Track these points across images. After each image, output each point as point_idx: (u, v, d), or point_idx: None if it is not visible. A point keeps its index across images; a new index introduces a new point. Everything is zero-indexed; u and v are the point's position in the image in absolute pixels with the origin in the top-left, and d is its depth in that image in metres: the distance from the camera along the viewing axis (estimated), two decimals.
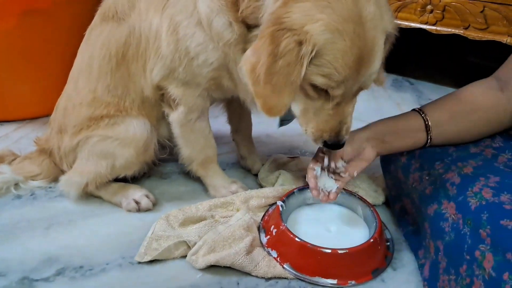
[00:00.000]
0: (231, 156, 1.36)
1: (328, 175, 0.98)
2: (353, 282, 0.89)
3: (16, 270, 0.89)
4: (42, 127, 1.47)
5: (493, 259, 0.69)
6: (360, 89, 0.83)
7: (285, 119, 1.08)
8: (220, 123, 1.31)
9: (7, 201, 1.11)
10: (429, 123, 0.97)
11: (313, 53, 0.73)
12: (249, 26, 0.88)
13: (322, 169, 0.99)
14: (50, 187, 1.17)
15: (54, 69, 1.43)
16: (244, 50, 0.90)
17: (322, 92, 0.81)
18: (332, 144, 0.87)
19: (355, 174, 0.97)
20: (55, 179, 1.16)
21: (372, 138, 0.99)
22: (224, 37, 0.89)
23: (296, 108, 0.88)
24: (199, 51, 0.93)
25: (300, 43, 0.73)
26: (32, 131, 1.47)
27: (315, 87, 0.80)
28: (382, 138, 0.99)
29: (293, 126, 1.11)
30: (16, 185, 1.14)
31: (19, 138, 1.44)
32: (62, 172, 1.14)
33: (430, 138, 0.98)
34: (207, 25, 0.90)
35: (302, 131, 0.91)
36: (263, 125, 1.45)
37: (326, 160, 0.98)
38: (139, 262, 0.91)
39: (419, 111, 1.00)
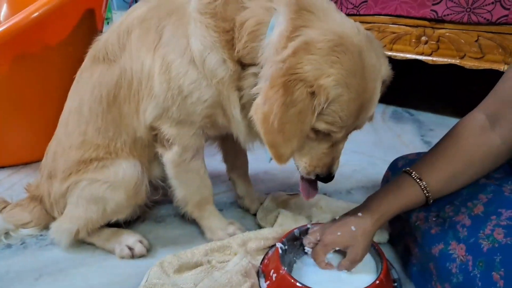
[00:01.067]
0: (228, 196, 1.32)
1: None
2: None
3: None
4: (36, 172, 1.43)
5: None
6: (355, 129, 0.87)
7: None
8: (217, 161, 1.28)
9: None
10: (427, 189, 0.89)
11: (325, 105, 0.77)
12: (243, 65, 0.88)
13: None
14: (41, 235, 1.13)
15: (47, 113, 1.41)
16: (237, 88, 0.90)
17: (321, 134, 0.84)
18: (325, 178, 0.90)
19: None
20: (47, 227, 1.11)
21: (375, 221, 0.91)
22: (217, 74, 0.89)
23: None
24: (193, 89, 0.91)
25: (312, 94, 0.76)
26: (25, 176, 1.44)
27: (316, 131, 0.83)
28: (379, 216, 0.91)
29: (291, 162, 1.08)
30: (7, 233, 1.11)
31: (13, 184, 1.41)
32: (54, 219, 1.10)
33: (428, 198, 0.90)
34: (200, 63, 0.89)
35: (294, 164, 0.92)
36: (260, 162, 1.41)
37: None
38: None
39: (416, 179, 0.91)
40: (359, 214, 0.91)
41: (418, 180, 0.90)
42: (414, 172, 0.91)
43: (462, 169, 0.89)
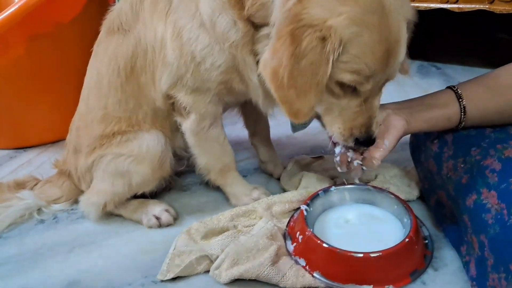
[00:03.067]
0: (252, 162, 1.31)
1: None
2: (390, 287, 0.81)
3: None
4: (63, 149, 1.47)
5: None
6: (387, 80, 0.80)
7: (300, 124, 1.01)
8: (239, 129, 1.26)
9: (30, 226, 1.10)
10: (460, 92, 0.87)
11: (340, 49, 0.70)
12: (256, 26, 0.84)
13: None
14: (72, 209, 1.15)
15: (69, 90, 1.42)
16: (252, 51, 0.86)
17: (349, 89, 0.78)
18: (365, 141, 0.84)
19: (386, 143, 0.87)
20: (77, 200, 1.14)
21: (397, 108, 0.91)
22: (229, 37, 0.85)
23: (319, 109, 0.83)
24: (205, 55, 0.89)
25: (323, 39, 0.69)
26: (54, 154, 1.47)
27: (341, 85, 0.76)
28: (409, 107, 0.91)
29: (314, 125, 1.05)
30: (39, 210, 1.14)
31: (42, 162, 1.44)
32: (83, 192, 1.13)
33: (464, 108, 0.86)
34: (210, 26, 0.86)
35: (328, 132, 0.87)
36: (282, 127, 1.40)
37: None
38: (162, 281, 0.87)
39: (451, 86, 0.91)
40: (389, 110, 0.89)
41: (449, 86, 0.87)
42: (458, 90, 0.88)
43: (504, 85, 0.85)
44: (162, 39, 0.93)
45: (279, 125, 1.34)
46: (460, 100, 0.87)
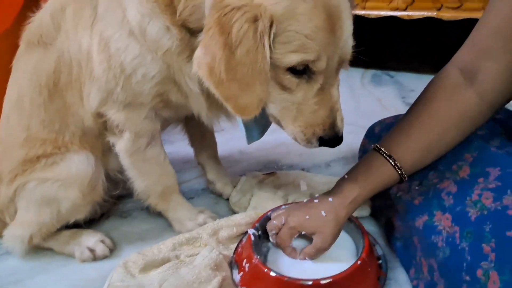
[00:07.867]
0: (200, 182, 1.22)
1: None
2: None
3: None
4: None
5: (499, 280, 0.56)
6: (342, 61, 0.72)
7: (255, 133, 0.93)
8: (187, 145, 1.18)
9: None
10: (387, 152, 0.81)
11: (274, 27, 0.63)
12: (192, 31, 0.76)
13: None
14: None
15: None
16: (191, 58, 0.77)
17: (303, 78, 0.70)
18: (331, 139, 0.74)
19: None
20: (1, 235, 1.02)
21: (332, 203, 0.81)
22: (162, 45, 0.78)
23: (274, 109, 0.76)
24: (136, 65, 0.81)
25: (254, 20, 0.63)
26: None
27: (293, 71, 0.68)
28: (341, 189, 0.82)
29: (268, 138, 0.99)
30: None
31: None
32: (7, 226, 1.00)
33: (396, 164, 0.80)
34: (140, 35, 0.78)
35: (289, 137, 0.78)
36: (234, 141, 1.33)
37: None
38: None
39: (375, 147, 0.84)
40: (330, 199, 0.81)
41: (388, 158, 0.80)
42: (383, 149, 0.81)
43: (436, 137, 0.79)
44: (88, 52, 0.85)
45: (230, 140, 1.28)
46: (390, 158, 0.81)
